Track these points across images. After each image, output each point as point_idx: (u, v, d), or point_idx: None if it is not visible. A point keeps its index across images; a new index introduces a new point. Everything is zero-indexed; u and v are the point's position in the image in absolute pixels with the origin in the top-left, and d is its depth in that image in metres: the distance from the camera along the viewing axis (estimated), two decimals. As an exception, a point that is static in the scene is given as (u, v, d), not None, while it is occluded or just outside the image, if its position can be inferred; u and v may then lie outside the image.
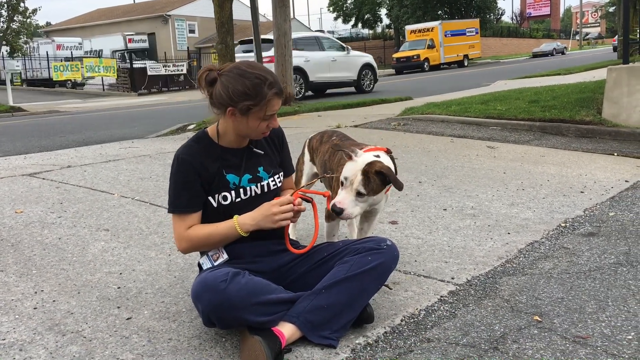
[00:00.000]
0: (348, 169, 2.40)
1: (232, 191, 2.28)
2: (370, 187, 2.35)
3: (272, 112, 2.21)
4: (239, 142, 2.34)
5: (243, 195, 2.30)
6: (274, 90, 2.18)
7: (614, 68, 7.22)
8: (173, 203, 2.26)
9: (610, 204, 4.05)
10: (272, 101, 2.18)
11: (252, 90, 2.14)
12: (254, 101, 2.14)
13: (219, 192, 2.27)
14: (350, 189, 2.36)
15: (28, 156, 6.52)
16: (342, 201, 2.35)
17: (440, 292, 2.61)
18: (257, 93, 2.14)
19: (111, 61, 29.90)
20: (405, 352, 2.09)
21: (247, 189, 2.31)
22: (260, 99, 2.15)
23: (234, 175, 2.30)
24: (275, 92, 2.18)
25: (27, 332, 2.25)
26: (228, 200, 2.28)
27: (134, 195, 4.39)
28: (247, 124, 2.20)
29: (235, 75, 2.16)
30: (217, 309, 2.00)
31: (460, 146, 6.57)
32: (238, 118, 2.19)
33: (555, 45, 48.04)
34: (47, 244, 3.30)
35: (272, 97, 2.17)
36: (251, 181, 2.33)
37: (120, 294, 2.62)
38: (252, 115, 2.18)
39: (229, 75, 2.17)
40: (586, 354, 2.03)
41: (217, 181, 2.27)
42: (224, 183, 2.28)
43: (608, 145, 6.48)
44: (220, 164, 2.28)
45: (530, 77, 17.76)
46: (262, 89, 2.15)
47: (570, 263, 2.94)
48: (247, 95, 2.14)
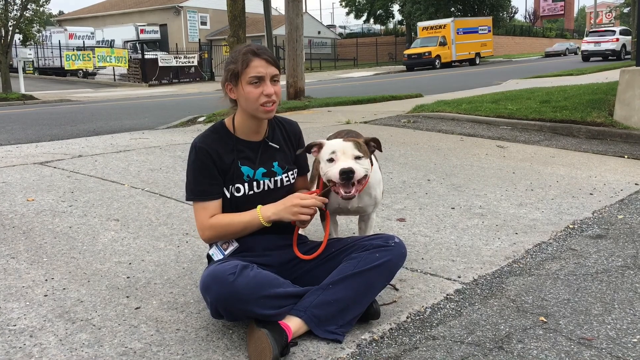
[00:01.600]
0: (329, 146, 2.33)
1: (246, 183, 2.31)
2: (362, 149, 2.30)
3: (257, 74, 2.22)
4: (255, 134, 2.36)
5: (256, 189, 2.32)
6: (249, 48, 2.27)
7: (627, 70, 7.17)
8: (193, 190, 2.29)
9: (620, 206, 4.04)
10: (251, 61, 2.23)
11: (233, 57, 2.28)
12: (234, 64, 2.24)
13: (232, 184, 2.30)
14: (346, 156, 2.27)
15: (39, 144, 6.56)
16: (347, 163, 2.25)
17: (447, 290, 2.62)
18: (237, 56, 2.26)
19: (123, 51, 30.01)
20: (410, 348, 2.10)
21: (261, 183, 2.33)
22: (238, 60, 2.24)
23: (249, 167, 2.32)
24: (251, 50, 2.26)
25: (37, 319, 2.29)
26: (241, 192, 2.30)
27: (144, 186, 4.42)
28: (243, 94, 2.25)
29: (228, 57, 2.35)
30: (225, 301, 2.02)
31: (469, 145, 6.56)
32: (235, 92, 2.29)
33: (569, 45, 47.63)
34: (58, 233, 3.34)
35: (249, 56, 2.23)
36: (265, 175, 2.35)
37: (130, 283, 2.65)
38: (241, 83, 2.24)
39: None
40: (591, 355, 2.03)
41: (231, 172, 2.29)
42: (238, 174, 2.30)
43: (619, 147, 6.45)
44: (235, 155, 2.31)
45: (542, 77, 17.67)
46: (239, 52, 2.27)
47: (577, 265, 2.95)
48: (230, 63, 2.27)
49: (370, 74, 32.29)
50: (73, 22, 44.11)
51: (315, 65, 42.02)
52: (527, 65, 30.28)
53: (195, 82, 30.14)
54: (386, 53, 48.56)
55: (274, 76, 2.27)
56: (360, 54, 46.49)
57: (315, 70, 40.04)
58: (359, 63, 45.23)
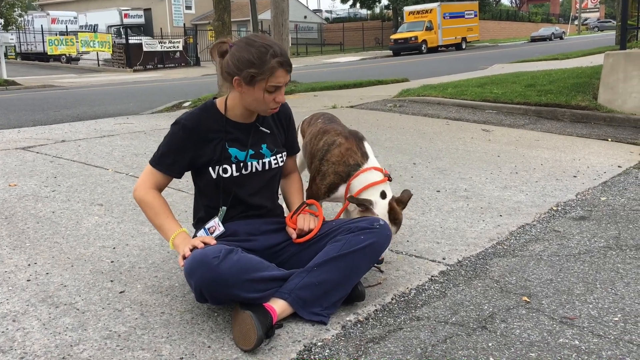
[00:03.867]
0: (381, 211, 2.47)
1: (233, 165, 2.29)
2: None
3: (277, 84, 2.17)
4: (246, 117, 2.34)
5: (244, 171, 2.30)
6: (278, 59, 2.14)
7: (611, 53, 7.21)
8: (158, 159, 2.29)
9: (603, 188, 4.08)
10: (276, 71, 2.15)
11: (256, 58, 2.13)
12: (257, 69, 2.13)
13: (220, 164, 2.27)
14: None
15: (22, 130, 6.48)
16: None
17: (431, 272, 2.64)
18: (261, 61, 2.13)
19: (106, 36, 29.65)
20: (394, 329, 2.12)
21: (249, 165, 2.31)
22: (263, 66, 2.13)
23: (237, 149, 2.30)
24: (279, 61, 2.14)
25: (20, 304, 2.27)
26: (228, 174, 2.28)
27: (128, 170, 4.39)
28: (253, 95, 2.19)
29: (243, 45, 2.17)
30: (209, 285, 2.01)
31: (455, 129, 6.58)
32: (244, 89, 2.19)
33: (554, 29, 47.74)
34: (41, 218, 3.30)
35: (275, 66, 2.14)
36: (253, 157, 2.33)
37: (114, 267, 2.64)
38: (257, 86, 2.17)
39: (238, 45, 2.19)
40: (573, 334, 2.06)
41: (219, 153, 2.27)
42: (226, 155, 2.28)
43: (602, 130, 6.50)
44: (223, 136, 2.29)
45: (528, 62, 17.73)
46: (265, 57, 2.13)
47: (560, 246, 2.97)
48: (251, 63, 2.13)
49: (357, 59, 32.20)
50: (55, 6, 43.36)
51: (302, 50, 41.81)
52: (513, 50, 30.35)
53: (181, 67, 29.87)
54: (373, 38, 48.41)
55: (286, 83, 2.26)
56: (346, 39, 46.30)
57: (301, 55, 39.84)
58: (346, 48, 45.05)
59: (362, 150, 2.57)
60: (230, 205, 2.33)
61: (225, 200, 2.33)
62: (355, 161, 2.53)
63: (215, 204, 2.34)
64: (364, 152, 2.57)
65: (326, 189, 2.56)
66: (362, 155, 2.55)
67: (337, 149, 2.56)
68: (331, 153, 2.57)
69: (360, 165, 2.52)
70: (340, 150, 2.56)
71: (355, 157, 2.54)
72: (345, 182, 2.53)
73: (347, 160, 2.53)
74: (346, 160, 2.53)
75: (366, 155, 2.56)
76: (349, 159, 2.53)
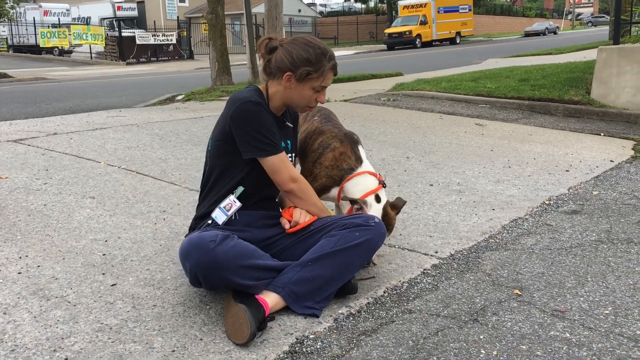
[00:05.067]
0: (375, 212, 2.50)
1: None
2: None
3: (325, 85, 2.31)
4: (278, 111, 2.38)
5: None
6: (332, 63, 2.31)
7: (604, 48, 7.22)
8: (272, 144, 2.24)
9: (595, 183, 4.10)
10: (328, 73, 2.30)
11: (314, 58, 2.27)
12: (313, 68, 2.26)
13: None
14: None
15: (14, 122, 6.44)
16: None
17: (424, 265, 2.64)
18: (319, 62, 2.27)
19: (99, 29, 29.46)
20: (387, 322, 2.12)
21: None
22: (320, 67, 2.27)
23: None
24: (332, 65, 2.31)
25: (11, 296, 2.26)
26: None
27: (120, 163, 4.37)
28: (301, 92, 2.29)
29: (301, 44, 2.29)
30: (204, 267, 2.02)
31: (449, 123, 6.58)
32: (293, 84, 2.27)
33: (548, 24, 47.81)
34: (32, 210, 3.29)
35: (329, 70, 2.30)
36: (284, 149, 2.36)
37: (105, 260, 2.63)
38: (307, 84, 2.27)
39: (294, 43, 2.30)
40: (563, 327, 2.07)
41: None
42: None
43: (595, 125, 6.52)
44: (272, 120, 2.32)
45: (522, 56, 17.75)
46: (323, 59, 2.28)
47: (552, 239, 2.99)
48: (309, 62, 2.25)
49: (351, 53, 32.14)
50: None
51: (296, 44, 41.60)
52: (507, 45, 30.37)
53: (174, 61, 29.73)
54: (367, 32, 48.31)
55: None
56: (341, 33, 46.19)
57: (295, 49, 39.64)
58: (340, 42, 44.95)
59: (357, 155, 2.61)
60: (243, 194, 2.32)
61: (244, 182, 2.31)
62: (348, 165, 2.57)
63: (233, 184, 2.31)
64: (358, 156, 2.61)
65: (317, 190, 2.57)
66: (356, 159, 2.60)
67: (331, 153, 2.59)
68: (325, 157, 2.60)
69: (353, 169, 2.57)
70: (334, 155, 2.59)
71: (349, 161, 2.58)
72: (338, 185, 2.58)
73: (340, 165, 2.57)
74: (339, 165, 2.57)
75: (360, 159, 2.61)
76: (342, 164, 2.57)
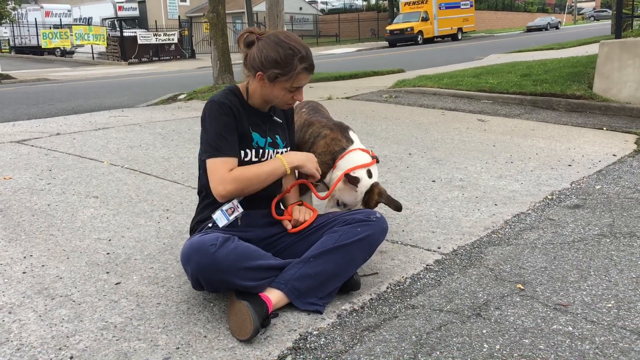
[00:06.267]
0: (348, 196, 2.51)
1: (253, 150, 2.29)
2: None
3: (299, 85, 2.24)
4: (263, 106, 2.37)
5: (261, 157, 2.31)
6: (304, 65, 2.21)
7: (606, 42, 7.21)
8: (216, 147, 2.18)
9: (597, 177, 4.09)
10: (300, 75, 2.21)
11: (283, 60, 2.17)
12: (282, 71, 2.18)
13: (241, 148, 2.27)
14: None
15: (17, 123, 6.46)
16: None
17: (427, 260, 2.65)
18: (287, 64, 2.18)
19: (101, 29, 29.46)
20: (390, 317, 2.13)
21: (266, 152, 2.33)
22: (289, 70, 2.18)
23: (259, 135, 2.32)
24: (304, 67, 2.21)
25: (16, 296, 2.27)
26: (247, 157, 2.28)
27: (123, 163, 4.38)
28: (273, 91, 2.24)
29: (271, 42, 2.19)
30: (205, 271, 2.02)
31: (451, 119, 6.58)
32: (265, 84, 2.23)
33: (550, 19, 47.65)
34: (36, 210, 3.30)
35: (300, 71, 2.20)
36: (270, 145, 2.35)
37: (109, 259, 2.64)
38: (278, 84, 2.21)
39: (266, 41, 2.21)
40: (566, 320, 2.07)
41: (243, 135, 2.27)
42: (249, 139, 2.28)
43: (598, 119, 6.51)
44: (247, 119, 2.30)
45: (523, 52, 17.71)
46: (292, 60, 2.18)
47: (554, 234, 2.99)
48: (277, 64, 2.17)
49: (353, 50, 32.11)
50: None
51: (297, 41, 41.57)
52: (509, 40, 30.30)
53: (176, 60, 29.73)
54: (368, 29, 48.23)
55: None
56: (342, 30, 46.14)
57: (297, 46, 39.61)
58: (341, 39, 44.90)
59: (347, 137, 2.63)
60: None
61: None
62: (340, 147, 2.59)
63: None
64: (348, 138, 2.63)
65: None
66: (347, 140, 2.62)
67: (322, 141, 2.62)
68: (317, 145, 2.62)
69: (345, 149, 2.58)
70: (325, 141, 2.61)
71: (340, 143, 2.60)
72: (332, 168, 2.59)
73: (332, 149, 2.59)
74: (332, 149, 2.59)
75: (351, 140, 2.62)
76: (334, 147, 2.59)
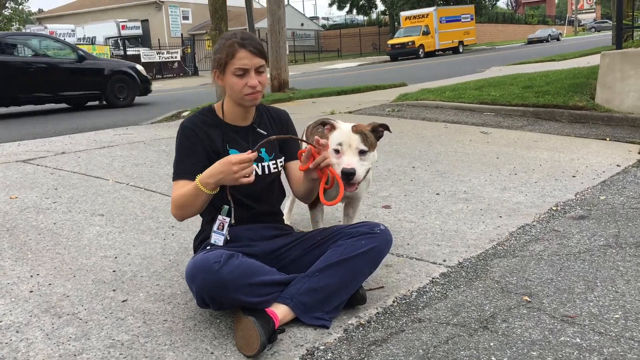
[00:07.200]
0: (337, 135, 2.41)
1: None
2: (368, 142, 2.40)
3: (241, 66, 2.22)
4: (243, 119, 2.38)
5: None
6: (236, 39, 2.24)
7: (607, 53, 7.23)
8: (177, 169, 2.29)
9: (602, 187, 4.09)
10: (237, 53, 2.22)
11: (220, 44, 2.28)
12: (221, 54, 2.25)
13: None
14: (351, 150, 2.36)
15: (22, 143, 6.50)
16: (350, 162, 2.33)
17: (432, 274, 2.64)
18: (223, 45, 2.26)
19: (104, 48, 29.66)
20: (396, 331, 2.12)
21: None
22: (226, 49, 2.24)
23: (237, 151, 2.32)
24: (236, 42, 2.23)
25: (23, 315, 2.28)
26: None
27: (128, 180, 4.40)
28: (229, 82, 2.27)
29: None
30: (210, 289, 2.02)
31: (454, 132, 6.59)
32: (222, 79, 2.29)
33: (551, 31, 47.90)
34: (42, 229, 3.32)
35: (235, 48, 2.22)
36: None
37: (116, 277, 2.65)
38: (227, 73, 2.25)
39: None
40: (574, 332, 2.06)
41: (218, 154, 2.28)
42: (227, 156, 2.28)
43: (601, 130, 6.51)
44: (224, 137, 2.33)
45: (525, 63, 17.76)
46: (227, 41, 2.26)
47: (560, 245, 2.98)
48: (218, 50, 2.27)
49: (355, 65, 32.26)
50: (53, 19, 43.55)
51: (299, 57, 41.89)
52: (510, 52, 30.40)
53: (179, 77, 29.91)
54: (370, 44, 48.52)
55: (259, 67, 2.27)
56: (344, 45, 46.39)
57: (299, 62, 39.92)
58: (343, 54, 45.14)
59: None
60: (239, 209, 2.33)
61: (227, 203, 2.33)
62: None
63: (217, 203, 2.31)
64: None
65: None
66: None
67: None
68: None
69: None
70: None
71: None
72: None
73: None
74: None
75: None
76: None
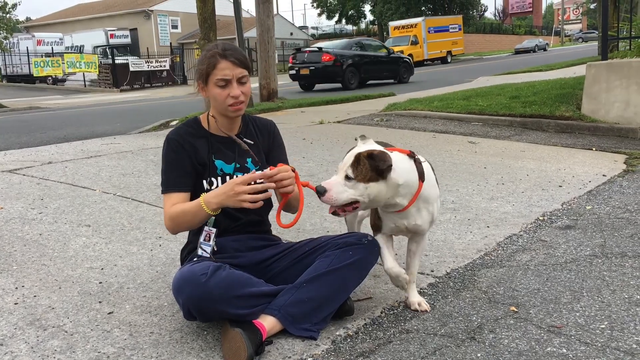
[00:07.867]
0: (347, 154, 2.23)
1: (219, 177, 2.32)
2: (358, 170, 2.13)
3: (223, 76, 2.24)
4: (228, 129, 2.38)
5: None
6: (217, 50, 2.26)
7: (593, 64, 7.31)
8: (165, 182, 2.31)
9: (588, 197, 4.13)
10: (219, 63, 2.24)
11: (203, 57, 2.31)
12: (203, 65, 2.28)
13: (208, 177, 2.32)
14: (340, 172, 2.18)
15: (8, 152, 6.45)
16: (329, 182, 2.16)
17: (420, 284, 2.64)
18: (205, 56, 2.29)
19: (93, 57, 29.60)
20: (384, 342, 2.12)
21: (234, 177, 2.31)
22: (207, 61, 2.26)
23: (222, 162, 2.34)
24: (218, 53, 2.25)
25: (7, 327, 2.25)
26: (214, 186, 2.31)
27: (115, 191, 4.38)
28: (211, 94, 2.28)
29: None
30: (197, 302, 2.01)
31: (442, 141, 6.63)
32: (205, 91, 2.31)
33: (538, 41, 48.46)
34: (28, 240, 3.29)
35: (216, 59, 2.24)
36: (239, 170, 2.36)
37: (102, 288, 2.63)
38: (210, 84, 2.27)
39: None
40: (560, 342, 2.07)
41: (208, 165, 2.31)
42: (213, 168, 2.32)
43: (587, 140, 6.57)
44: (209, 148, 2.33)
45: (512, 74, 17.92)
46: (208, 52, 2.29)
47: (547, 255, 3.00)
48: (201, 62, 2.29)
49: (344, 74, 32.31)
50: (41, 28, 43.39)
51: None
52: (498, 63, 30.66)
53: (168, 86, 29.85)
54: (359, 53, 48.65)
55: (242, 77, 2.27)
56: (333, 55, 46.46)
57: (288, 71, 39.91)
58: (332, 64, 45.22)
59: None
60: (218, 220, 2.33)
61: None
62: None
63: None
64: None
65: None
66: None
67: None
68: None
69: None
70: None
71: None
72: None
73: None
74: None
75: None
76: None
